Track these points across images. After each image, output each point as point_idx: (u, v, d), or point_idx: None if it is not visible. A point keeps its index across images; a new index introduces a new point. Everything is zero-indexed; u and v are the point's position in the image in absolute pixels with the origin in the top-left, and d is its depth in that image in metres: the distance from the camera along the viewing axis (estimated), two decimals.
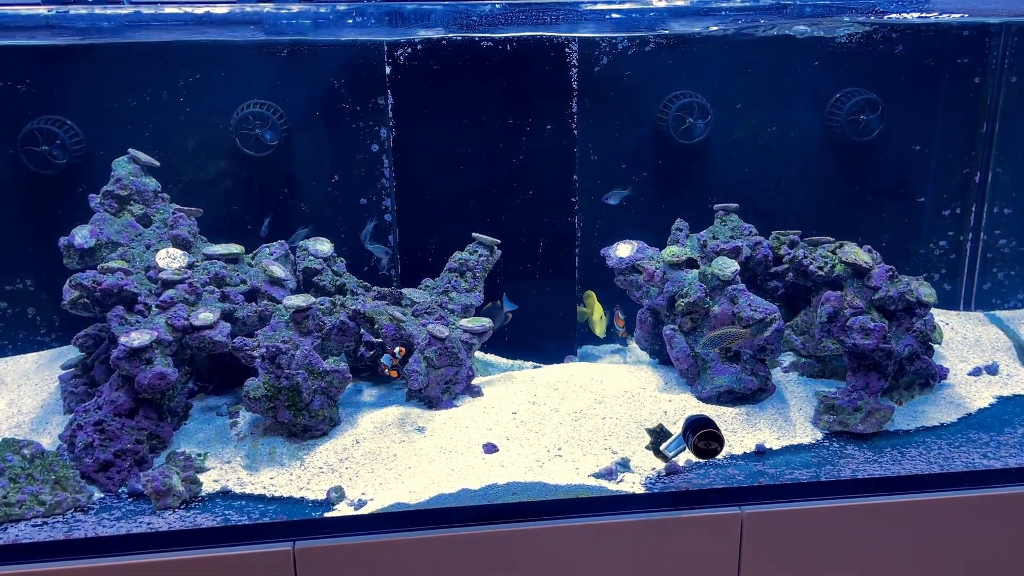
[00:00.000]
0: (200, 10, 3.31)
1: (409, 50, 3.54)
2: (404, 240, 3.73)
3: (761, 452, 2.96)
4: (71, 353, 3.41)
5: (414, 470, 2.82)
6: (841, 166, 4.03)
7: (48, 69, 3.54)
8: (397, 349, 3.14)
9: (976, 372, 3.55)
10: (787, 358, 3.56)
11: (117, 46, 3.54)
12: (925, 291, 3.18)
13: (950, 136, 4.05)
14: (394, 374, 3.18)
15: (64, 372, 3.32)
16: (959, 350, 3.75)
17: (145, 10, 3.27)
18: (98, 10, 3.25)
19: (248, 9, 3.35)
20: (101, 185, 3.38)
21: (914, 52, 3.90)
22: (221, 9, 3.34)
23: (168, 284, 3.10)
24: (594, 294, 3.69)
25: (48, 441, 3.03)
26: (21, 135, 3.53)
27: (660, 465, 2.83)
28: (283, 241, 3.48)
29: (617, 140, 3.86)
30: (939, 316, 3.93)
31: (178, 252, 3.25)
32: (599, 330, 3.67)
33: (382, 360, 3.15)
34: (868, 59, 3.88)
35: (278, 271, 3.33)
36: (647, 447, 2.89)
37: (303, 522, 2.60)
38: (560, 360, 3.79)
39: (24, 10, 3.21)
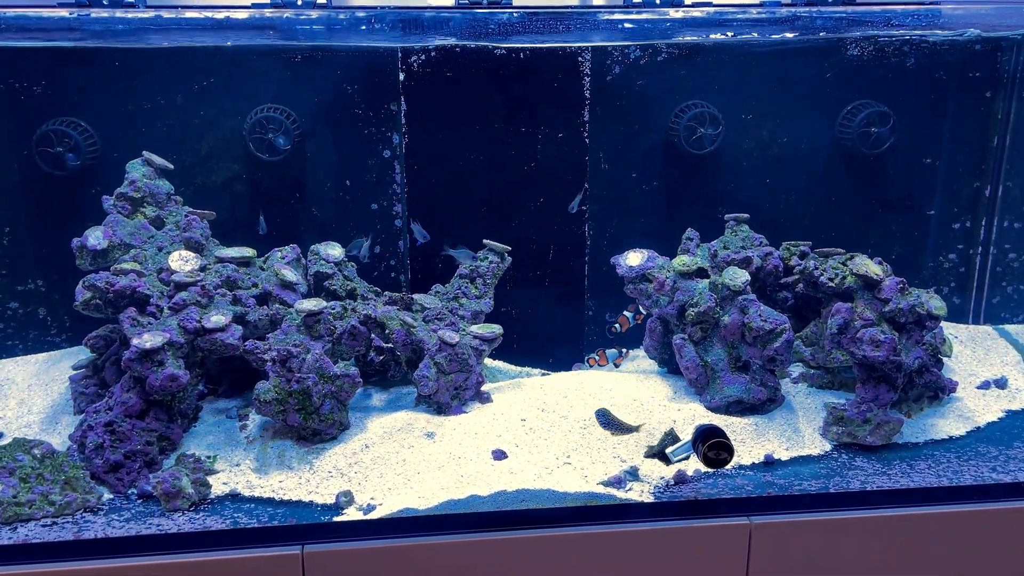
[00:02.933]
0: (219, 15, 3.34)
1: (423, 57, 3.55)
2: (415, 245, 3.74)
3: (770, 463, 2.96)
4: (81, 354, 3.42)
5: (423, 475, 2.82)
6: (852, 178, 4.03)
7: (64, 71, 3.56)
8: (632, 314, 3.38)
9: (985, 386, 3.54)
10: (796, 369, 3.56)
11: (132, 50, 3.55)
12: (935, 304, 3.18)
13: (961, 149, 4.05)
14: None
15: (75, 373, 3.33)
16: (968, 363, 3.74)
17: (166, 14, 3.29)
18: (119, 13, 3.27)
19: (267, 14, 3.37)
20: (115, 187, 3.40)
21: (925, 65, 3.90)
22: (237, 14, 3.36)
23: (180, 286, 3.11)
24: None
25: (58, 441, 3.04)
26: (36, 136, 3.55)
27: (669, 473, 2.83)
28: (295, 245, 3.49)
29: (628, 149, 3.87)
30: (948, 329, 3.93)
31: (190, 255, 3.26)
32: None
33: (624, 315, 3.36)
34: (879, 71, 3.88)
35: (290, 275, 3.34)
36: (647, 454, 2.89)
37: (312, 526, 2.60)
38: (568, 368, 3.80)
39: (47, 12, 3.23)
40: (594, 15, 3.62)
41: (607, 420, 3.06)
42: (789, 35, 3.67)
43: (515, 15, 3.42)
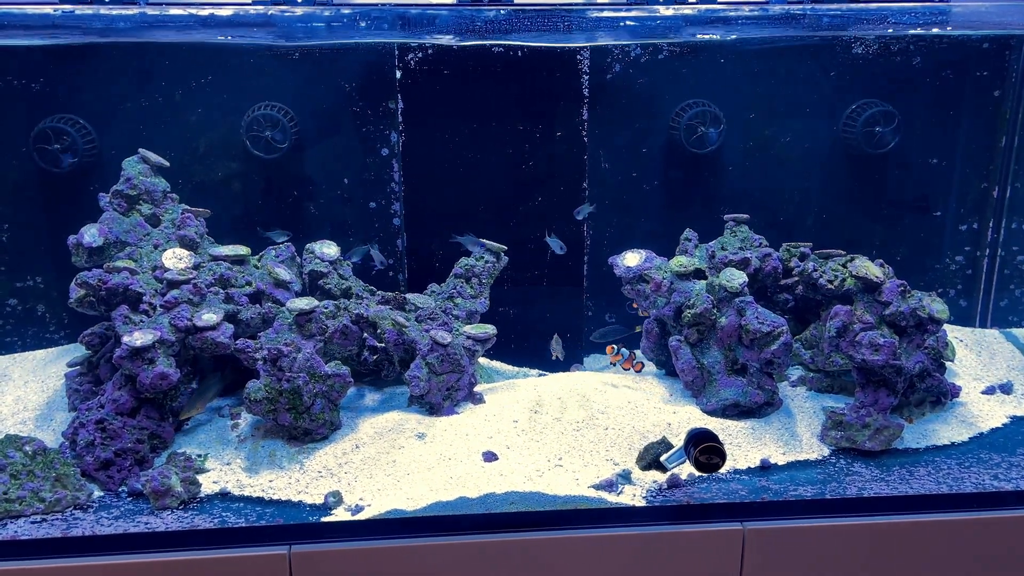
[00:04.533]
0: (211, 12, 3.33)
1: (420, 55, 3.53)
2: (411, 245, 3.72)
3: (766, 467, 2.92)
4: (78, 350, 3.43)
5: (413, 477, 2.80)
6: (856, 178, 3.97)
7: (61, 68, 3.57)
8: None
9: (990, 391, 3.48)
10: (795, 372, 3.51)
11: (130, 46, 3.55)
12: (937, 307, 3.12)
13: (968, 150, 3.98)
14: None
15: (70, 370, 3.34)
16: (973, 368, 3.68)
17: (150, 11, 3.28)
18: (103, 10, 3.27)
19: (259, 11, 3.36)
20: (111, 184, 3.40)
21: (932, 64, 3.84)
22: (235, 11, 3.35)
23: (173, 284, 3.10)
24: None
25: (52, 438, 3.05)
26: (34, 133, 3.56)
27: (662, 478, 2.79)
28: (289, 243, 3.48)
29: (628, 148, 3.83)
30: (954, 333, 3.86)
31: (184, 252, 3.25)
32: None
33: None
34: (885, 70, 3.82)
35: (283, 274, 3.33)
36: (642, 466, 2.85)
37: (300, 526, 2.59)
38: (566, 368, 3.77)
39: (31, 9, 3.22)
40: (594, 12, 3.58)
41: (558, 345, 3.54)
42: (792, 33, 3.62)
43: (503, 11, 3.38)
